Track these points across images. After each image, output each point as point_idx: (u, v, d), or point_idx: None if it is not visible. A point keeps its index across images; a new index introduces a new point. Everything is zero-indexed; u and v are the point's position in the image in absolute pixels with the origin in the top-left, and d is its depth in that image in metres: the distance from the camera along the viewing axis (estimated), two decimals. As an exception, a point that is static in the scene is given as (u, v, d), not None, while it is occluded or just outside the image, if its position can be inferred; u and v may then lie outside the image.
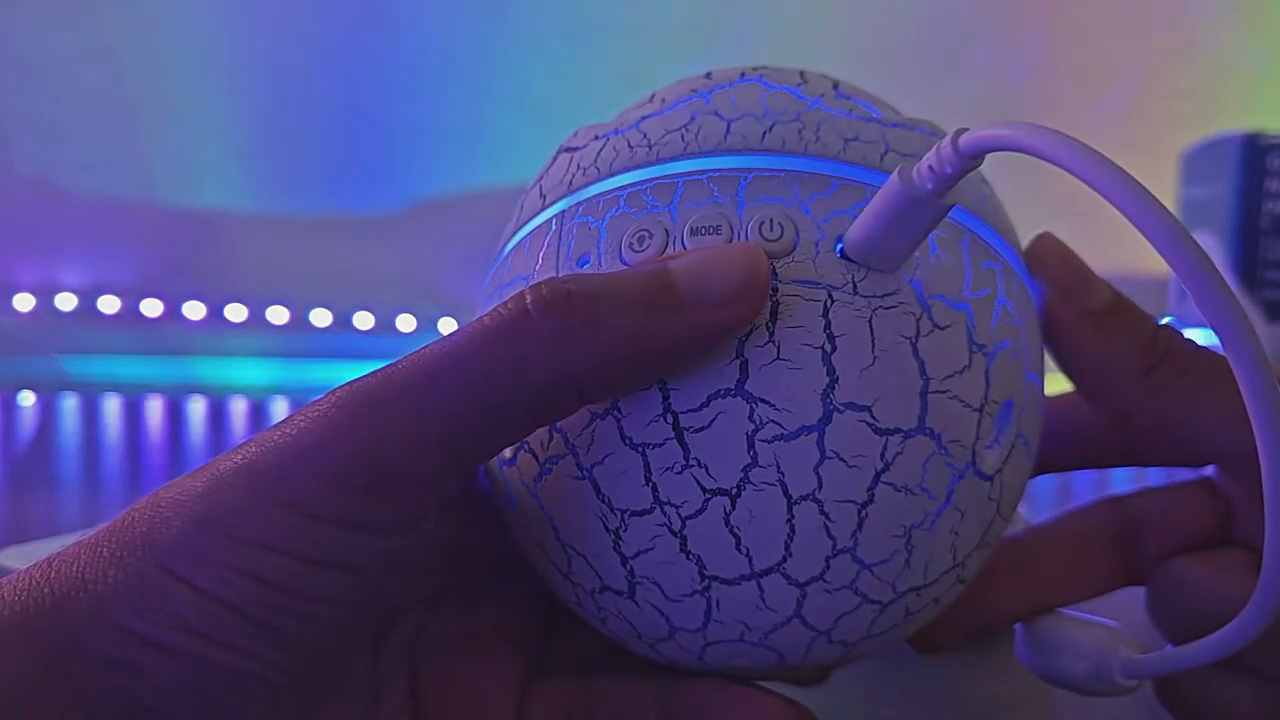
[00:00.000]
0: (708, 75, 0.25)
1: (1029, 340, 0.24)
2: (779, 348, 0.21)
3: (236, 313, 0.91)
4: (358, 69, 0.90)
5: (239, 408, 0.81)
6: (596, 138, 0.25)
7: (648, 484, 0.21)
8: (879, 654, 0.24)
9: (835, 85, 0.25)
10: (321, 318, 0.91)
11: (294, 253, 0.91)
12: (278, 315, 0.91)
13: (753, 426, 0.20)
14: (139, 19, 0.88)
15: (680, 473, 0.21)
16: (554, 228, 0.23)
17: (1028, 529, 0.29)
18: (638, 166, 0.23)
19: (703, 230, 0.21)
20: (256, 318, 0.91)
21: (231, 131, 0.90)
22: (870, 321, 0.21)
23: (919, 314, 0.21)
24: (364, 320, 0.91)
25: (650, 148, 0.23)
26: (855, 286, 0.21)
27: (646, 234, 0.22)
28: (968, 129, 0.19)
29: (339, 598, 0.20)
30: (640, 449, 0.21)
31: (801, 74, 0.25)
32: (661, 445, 0.21)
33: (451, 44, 0.90)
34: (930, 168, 0.20)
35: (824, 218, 0.22)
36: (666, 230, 0.22)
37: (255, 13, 0.89)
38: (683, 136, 0.23)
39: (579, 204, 0.23)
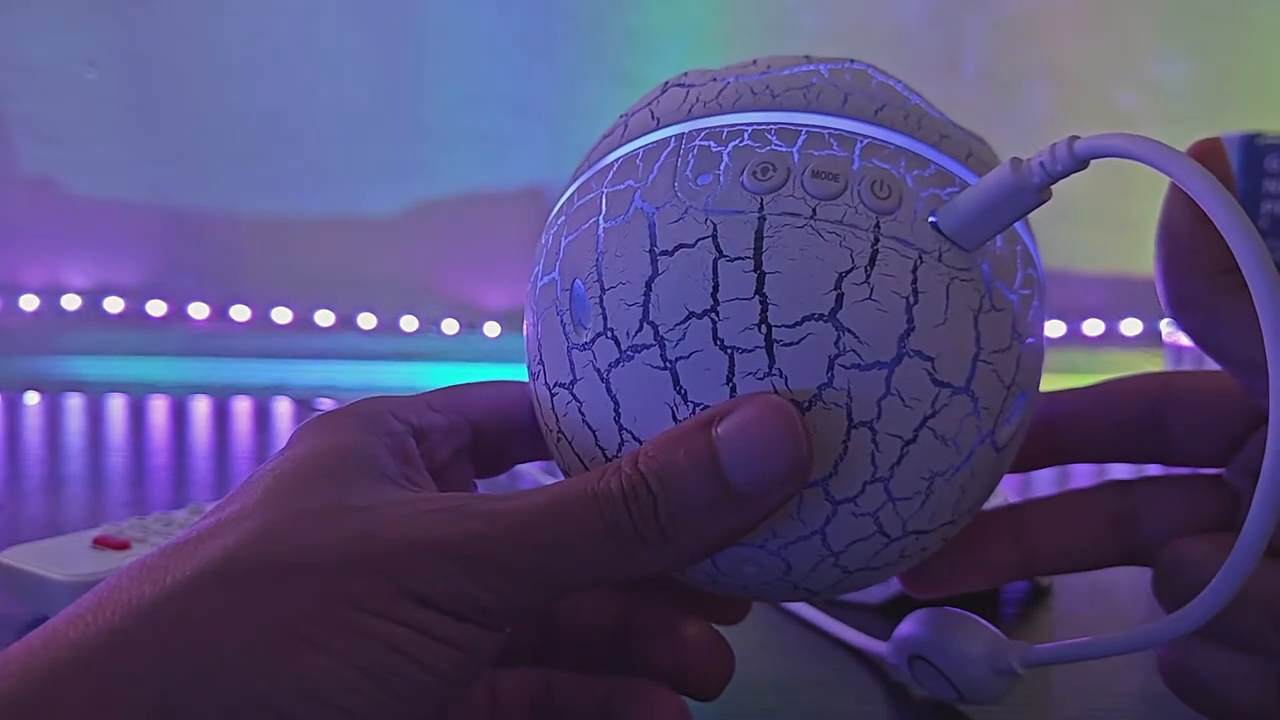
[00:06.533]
0: (806, 57, 0.27)
1: (1039, 356, 0.26)
2: (872, 289, 0.23)
3: (240, 313, 0.91)
4: (361, 71, 0.90)
5: (243, 408, 0.81)
6: (714, 80, 0.26)
7: (728, 384, 0.23)
8: (854, 591, 0.26)
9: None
10: (325, 318, 0.92)
11: (297, 254, 0.92)
12: (281, 316, 0.91)
13: (836, 352, 0.23)
14: (144, 21, 0.89)
15: (761, 379, 0.23)
16: (672, 145, 0.25)
17: (1030, 499, 0.30)
18: (762, 109, 0.25)
19: (823, 175, 0.23)
20: (260, 318, 0.91)
21: (236, 133, 0.90)
22: (948, 287, 0.23)
23: (983, 293, 0.24)
24: (367, 321, 0.92)
25: (774, 97, 0.25)
26: (940, 255, 0.23)
27: (770, 167, 0.24)
28: (1079, 136, 0.22)
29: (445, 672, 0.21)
30: (730, 351, 0.23)
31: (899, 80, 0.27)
32: (750, 352, 0.23)
33: (454, 46, 0.90)
34: (1041, 164, 0.22)
35: (922, 191, 0.24)
36: (789, 169, 0.24)
37: (259, 16, 0.89)
38: (804, 95, 0.25)
39: (700, 130, 0.25)
